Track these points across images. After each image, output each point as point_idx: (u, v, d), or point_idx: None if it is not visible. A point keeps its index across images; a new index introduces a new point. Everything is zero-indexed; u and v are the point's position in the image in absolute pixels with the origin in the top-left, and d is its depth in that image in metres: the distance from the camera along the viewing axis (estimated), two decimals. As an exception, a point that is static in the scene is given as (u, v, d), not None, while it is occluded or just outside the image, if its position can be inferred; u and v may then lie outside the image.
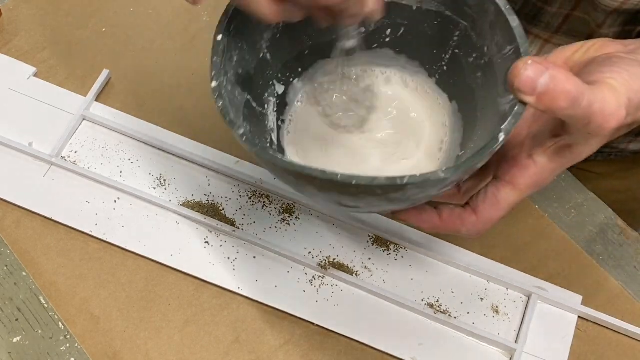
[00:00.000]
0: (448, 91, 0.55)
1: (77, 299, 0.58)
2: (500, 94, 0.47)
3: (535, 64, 0.40)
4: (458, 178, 0.43)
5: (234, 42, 0.48)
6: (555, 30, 0.67)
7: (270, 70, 0.53)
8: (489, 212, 0.48)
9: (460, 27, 0.51)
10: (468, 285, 0.61)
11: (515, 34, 0.45)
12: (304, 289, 0.59)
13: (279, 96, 0.54)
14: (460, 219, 0.49)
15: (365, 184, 0.40)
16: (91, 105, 0.65)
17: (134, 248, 0.60)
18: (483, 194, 0.48)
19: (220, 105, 0.45)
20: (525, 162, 0.47)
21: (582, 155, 0.46)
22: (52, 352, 0.56)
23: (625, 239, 0.64)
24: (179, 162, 0.64)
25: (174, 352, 0.57)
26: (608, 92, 0.42)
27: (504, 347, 0.58)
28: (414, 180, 0.40)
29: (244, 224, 0.61)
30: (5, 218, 0.61)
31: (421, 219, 0.50)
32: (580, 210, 0.65)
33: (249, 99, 0.50)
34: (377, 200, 0.44)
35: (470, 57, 0.51)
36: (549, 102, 0.40)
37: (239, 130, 0.44)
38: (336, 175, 0.40)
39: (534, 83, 0.39)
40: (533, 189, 0.48)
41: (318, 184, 0.42)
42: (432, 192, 0.43)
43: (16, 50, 0.68)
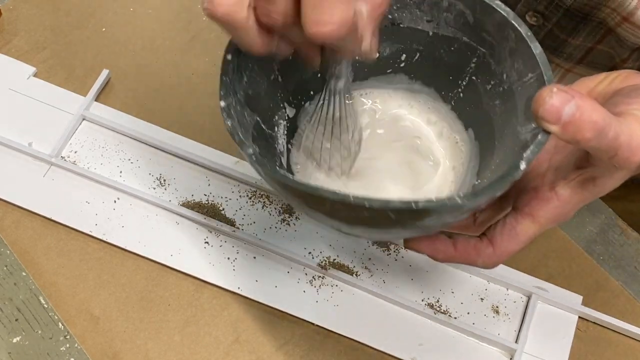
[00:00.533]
0: (464, 118, 0.53)
1: (77, 299, 0.58)
2: (520, 123, 0.45)
3: (561, 92, 0.38)
4: (475, 206, 0.41)
5: (244, 62, 0.46)
6: (578, 61, 0.66)
7: (281, 93, 0.52)
8: (507, 245, 0.47)
9: (478, 53, 0.49)
10: (468, 285, 0.61)
11: (538, 62, 0.44)
12: (304, 289, 0.59)
13: (289, 119, 0.53)
14: (476, 250, 0.47)
15: (378, 207, 0.38)
16: (91, 105, 0.65)
17: (134, 248, 0.60)
18: (501, 225, 0.47)
19: (230, 124, 0.43)
20: (547, 194, 0.45)
21: (606, 188, 0.45)
22: (52, 352, 0.56)
23: (625, 239, 0.64)
24: (179, 162, 0.64)
25: (174, 352, 0.57)
26: (635, 123, 0.40)
27: (504, 347, 0.58)
28: (429, 205, 0.38)
29: (244, 224, 0.61)
30: (5, 218, 0.61)
31: (435, 248, 0.48)
32: (581, 211, 0.64)
33: (259, 121, 0.49)
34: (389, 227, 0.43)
35: (488, 85, 0.50)
36: (574, 132, 0.39)
37: (248, 150, 0.42)
38: (348, 197, 0.38)
39: (559, 112, 0.38)
40: (553, 222, 0.46)
41: (329, 207, 0.40)
42: (447, 220, 0.42)
43: (16, 50, 0.68)
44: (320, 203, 0.41)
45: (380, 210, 0.39)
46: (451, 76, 0.52)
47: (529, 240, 0.47)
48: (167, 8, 0.72)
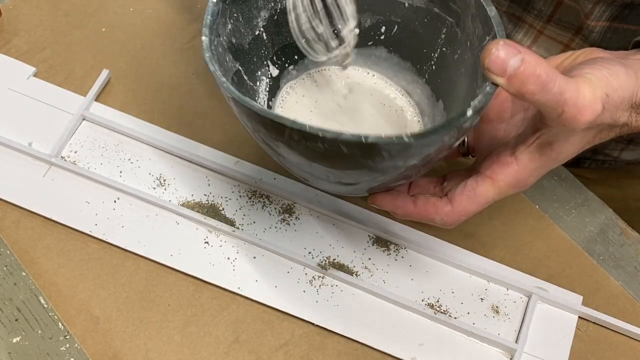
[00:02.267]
0: (436, 90, 0.55)
1: (76, 299, 0.58)
2: (478, 85, 0.47)
3: (507, 46, 0.40)
4: (425, 150, 0.43)
5: (229, 10, 0.49)
6: (547, 19, 0.67)
7: (265, 50, 0.54)
8: (465, 204, 0.48)
9: (447, 23, 0.52)
10: (468, 285, 0.61)
11: (493, 23, 0.46)
12: (304, 289, 0.59)
13: (272, 78, 0.55)
14: (435, 208, 0.49)
15: (331, 137, 0.40)
16: (91, 105, 0.65)
17: (134, 248, 0.60)
18: (462, 186, 0.49)
19: (207, 55, 0.45)
20: (508, 159, 0.47)
21: (563, 154, 0.46)
22: (51, 353, 0.56)
23: (625, 239, 0.64)
24: (179, 162, 0.64)
25: (174, 352, 0.57)
26: (583, 83, 0.42)
27: (504, 348, 0.58)
28: (378, 140, 0.40)
29: (244, 224, 0.61)
30: (4, 218, 0.60)
31: (395, 204, 0.50)
32: (581, 210, 0.65)
33: (240, 70, 0.51)
34: (344, 165, 0.44)
35: (455, 54, 0.52)
36: (519, 85, 0.40)
37: (221, 78, 0.44)
38: (304, 125, 0.40)
39: (505, 64, 0.40)
40: (513, 188, 0.48)
41: (287, 136, 0.42)
42: (399, 162, 0.43)
43: (16, 50, 0.68)
44: (280, 132, 0.42)
45: (332, 141, 0.41)
46: (425, 49, 0.55)
47: (487, 202, 0.48)
48: (167, 8, 0.72)
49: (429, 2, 0.53)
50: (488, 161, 0.48)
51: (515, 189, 0.48)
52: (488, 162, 0.48)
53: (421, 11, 0.54)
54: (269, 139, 0.45)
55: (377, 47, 0.58)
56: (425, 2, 0.53)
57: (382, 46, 0.57)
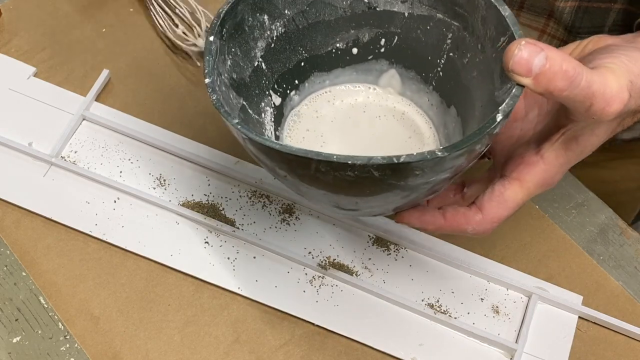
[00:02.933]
0: (445, 97, 0.54)
1: (76, 299, 0.58)
2: (497, 87, 0.46)
3: (530, 45, 0.39)
4: (456, 159, 0.42)
5: (227, 46, 0.48)
6: (519, 5, 0.67)
7: (265, 80, 0.53)
8: (496, 211, 0.47)
9: (453, 28, 0.51)
10: (468, 285, 0.61)
11: (508, 23, 0.45)
12: (304, 289, 0.59)
13: (276, 107, 0.54)
14: (465, 218, 0.48)
15: (361, 163, 0.39)
16: (91, 105, 0.65)
17: (134, 248, 0.60)
18: (489, 191, 0.47)
19: (215, 98, 0.44)
20: (533, 158, 0.46)
21: (589, 147, 0.45)
22: (52, 353, 0.56)
23: (625, 239, 0.64)
24: (179, 162, 0.64)
25: (174, 352, 0.57)
26: (608, 73, 0.41)
27: (504, 348, 0.58)
28: (410, 159, 0.39)
29: (244, 224, 0.61)
30: (5, 218, 0.61)
31: (424, 220, 0.49)
32: (581, 210, 0.65)
33: (245, 105, 0.50)
34: (375, 189, 0.43)
35: (465, 58, 0.51)
36: (546, 83, 0.39)
37: (233, 120, 0.43)
38: (332, 156, 0.39)
39: (529, 64, 0.39)
40: (541, 187, 0.47)
41: (314, 170, 0.41)
42: (431, 177, 0.42)
43: (16, 50, 0.68)
44: (306, 166, 0.41)
45: (363, 167, 0.39)
46: (430, 56, 0.54)
47: (517, 205, 0.47)
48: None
49: (431, 9, 0.51)
50: (512, 163, 0.47)
51: (543, 188, 0.47)
52: (512, 164, 0.47)
53: (423, 19, 0.52)
54: (293, 174, 0.44)
55: (378, 60, 0.56)
56: (428, 9, 0.52)
57: (383, 58, 0.56)
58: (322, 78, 0.56)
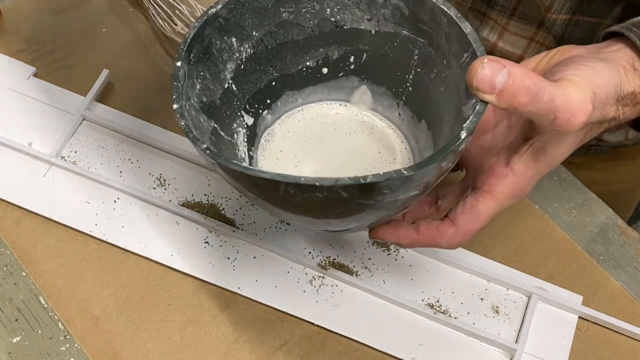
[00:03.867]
0: (416, 111, 0.54)
1: (77, 299, 0.58)
2: (463, 102, 0.47)
3: (492, 62, 0.40)
4: (423, 177, 0.42)
5: (195, 70, 0.49)
6: (510, 13, 0.67)
7: (237, 101, 0.53)
8: (468, 223, 0.48)
9: (419, 44, 0.51)
10: (468, 285, 0.61)
11: (470, 40, 0.46)
12: (304, 289, 0.59)
13: (248, 127, 0.54)
14: (439, 232, 0.48)
15: (328, 185, 0.39)
16: (91, 105, 0.65)
17: (134, 248, 0.60)
18: (461, 205, 0.48)
19: (183, 124, 0.45)
20: (503, 170, 0.47)
21: (557, 157, 0.46)
22: (51, 353, 0.56)
23: (625, 239, 0.64)
24: (179, 162, 0.64)
25: (174, 352, 0.57)
26: (570, 86, 0.42)
27: (504, 348, 0.58)
28: (377, 179, 0.40)
29: (244, 224, 0.61)
30: (5, 218, 0.61)
31: (398, 235, 0.49)
32: (581, 210, 0.65)
33: (216, 127, 0.50)
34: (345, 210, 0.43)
35: (432, 73, 0.51)
36: (510, 99, 0.40)
37: (202, 145, 0.43)
38: (299, 178, 0.40)
39: (492, 81, 0.39)
40: (512, 198, 0.48)
41: (282, 192, 0.41)
42: (400, 195, 0.43)
43: (16, 50, 0.68)
44: (275, 189, 0.41)
45: (330, 188, 0.40)
46: (398, 72, 0.54)
47: (490, 217, 0.48)
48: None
49: (396, 26, 0.52)
50: (483, 175, 0.48)
51: (514, 199, 0.48)
52: (483, 177, 0.48)
53: (390, 36, 0.53)
54: (264, 197, 0.44)
55: (349, 77, 0.56)
56: (393, 26, 0.52)
57: (354, 75, 0.56)
58: (294, 97, 0.56)
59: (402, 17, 0.51)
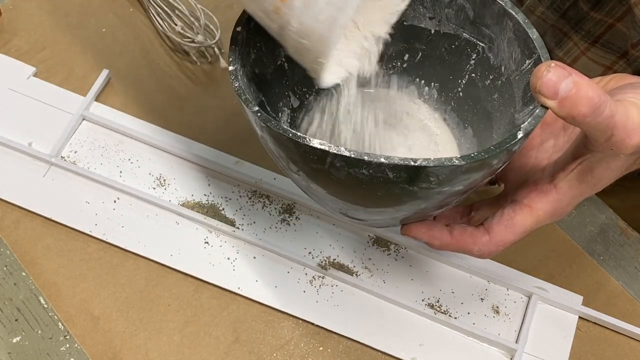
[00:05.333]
0: (463, 117, 0.54)
1: (77, 299, 0.58)
2: (518, 110, 0.46)
3: (558, 68, 0.39)
4: (472, 174, 0.41)
5: (252, 39, 0.48)
6: (594, 40, 0.66)
7: (286, 81, 0.52)
8: (503, 234, 0.47)
9: (478, 49, 0.50)
10: (468, 285, 0.61)
11: (536, 46, 0.45)
12: (304, 289, 0.59)
13: (293, 109, 0.53)
14: (472, 238, 0.48)
15: (376, 161, 0.39)
16: (91, 105, 0.65)
17: (134, 248, 0.60)
18: (499, 215, 0.47)
19: (237, 85, 0.44)
20: (547, 187, 0.46)
21: (603, 180, 0.45)
22: (51, 353, 0.56)
23: (625, 239, 0.64)
24: (179, 162, 0.64)
25: (174, 352, 0.57)
26: (631, 107, 0.41)
27: (505, 348, 0.58)
28: (427, 163, 0.39)
29: (244, 224, 0.61)
30: (5, 218, 0.60)
31: (432, 235, 0.49)
32: (581, 210, 0.65)
33: (263, 101, 0.50)
34: (387, 194, 0.42)
35: (487, 80, 0.50)
36: (570, 107, 0.39)
37: (253, 108, 0.43)
38: (349, 151, 0.39)
39: (557, 86, 0.39)
40: (551, 217, 0.47)
41: (329, 165, 0.41)
42: (445, 187, 0.42)
43: (16, 50, 0.68)
44: (321, 160, 0.41)
45: (379, 166, 0.39)
46: (451, 76, 0.53)
47: (525, 232, 0.47)
48: (167, 8, 0.72)
49: (458, 28, 0.51)
50: (525, 189, 0.47)
51: (553, 218, 0.47)
52: (525, 191, 0.47)
53: (449, 37, 0.51)
54: (307, 169, 0.43)
55: (400, 76, 0.55)
56: (455, 28, 0.51)
57: (405, 74, 0.55)
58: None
59: (465, 18, 0.50)
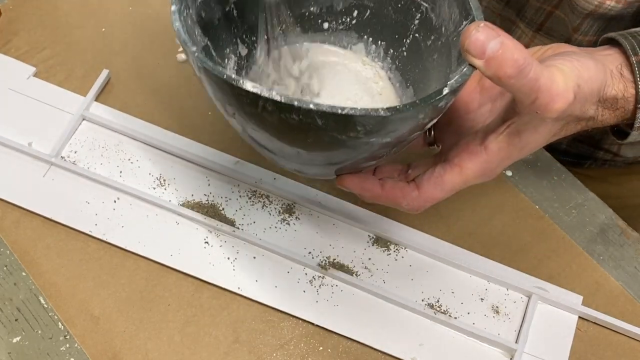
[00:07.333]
0: (406, 76, 0.55)
1: (76, 299, 0.58)
2: (452, 70, 0.47)
3: (487, 28, 0.40)
4: (399, 126, 0.42)
5: None
6: (537, 28, 0.68)
7: (234, 27, 0.53)
8: (432, 191, 0.49)
9: (422, 9, 0.52)
10: (468, 285, 0.61)
11: (471, 7, 0.46)
12: (304, 289, 0.59)
13: (240, 57, 0.54)
14: (402, 192, 0.50)
15: (305, 107, 0.40)
16: (91, 105, 0.65)
17: (134, 248, 0.60)
18: (430, 172, 0.49)
19: (177, 25, 0.45)
20: (477, 148, 0.48)
21: (531, 144, 0.47)
22: (51, 353, 0.56)
23: (625, 239, 0.64)
24: (178, 162, 0.64)
25: (174, 352, 0.57)
26: (557, 72, 0.43)
27: (504, 348, 0.58)
28: (354, 112, 0.40)
29: (244, 224, 0.61)
30: (5, 218, 0.60)
31: (363, 186, 0.50)
32: (581, 210, 0.65)
33: (209, 45, 0.50)
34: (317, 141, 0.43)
35: (428, 40, 0.52)
36: (496, 67, 0.40)
37: (191, 48, 0.43)
38: (279, 96, 0.40)
39: (484, 46, 0.40)
40: (479, 177, 0.49)
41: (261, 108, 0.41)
42: (372, 138, 0.43)
43: (16, 50, 0.68)
44: (254, 104, 0.41)
45: (308, 112, 0.40)
46: (397, 35, 0.55)
47: (453, 190, 0.49)
48: (167, 8, 0.72)
49: None
50: (456, 150, 0.49)
51: (481, 179, 0.49)
52: (456, 151, 0.49)
53: None
54: (241, 112, 0.44)
55: (348, 32, 0.57)
56: None
57: (353, 31, 0.57)
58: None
59: None
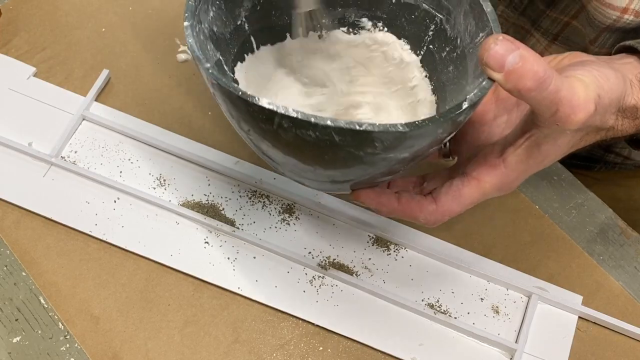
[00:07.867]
0: None
1: (77, 299, 0.58)
2: (469, 83, 0.47)
3: (506, 41, 0.40)
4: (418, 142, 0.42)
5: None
6: (553, 38, 0.68)
7: (246, 41, 0.53)
8: (449, 204, 0.48)
9: (436, 20, 0.51)
10: (468, 285, 0.61)
11: (489, 19, 0.46)
12: (304, 289, 0.59)
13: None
14: (419, 206, 0.49)
15: (323, 124, 0.39)
16: (91, 105, 0.65)
17: (134, 248, 0.60)
18: (447, 185, 0.49)
19: (191, 41, 0.44)
20: (495, 161, 0.47)
21: (550, 156, 0.46)
22: (51, 353, 0.56)
23: (625, 239, 0.64)
24: (178, 162, 0.64)
25: (174, 352, 0.57)
26: (577, 83, 0.42)
27: (504, 348, 0.58)
28: (372, 128, 0.40)
29: (244, 224, 0.61)
30: (5, 218, 0.60)
31: (380, 201, 0.50)
32: (581, 210, 0.65)
33: (221, 60, 0.50)
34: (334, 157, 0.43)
35: (443, 52, 0.51)
36: (516, 81, 0.40)
37: (205, 64, 0.43)
38: (296, 112, 0.40)
39: (503, 59, 0.40)
40: (498, 190, 0.48)
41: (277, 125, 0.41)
42: (390, 153, 0.43)
43: (16, 50, 0.68)
44: (269, 121, 0.41)
45: (325, 128, 0.40)
46: (410, 46, 0.54)
47: (471, 204, 0.48)
48: (167, 7, 0.72)
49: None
50: (474, 163, 0.48)
51: (499, 192, 0.48)
52: (475, 164, 0.48)
53: (409, 7, 0.53)
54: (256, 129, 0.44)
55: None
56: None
57: None
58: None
59: None
